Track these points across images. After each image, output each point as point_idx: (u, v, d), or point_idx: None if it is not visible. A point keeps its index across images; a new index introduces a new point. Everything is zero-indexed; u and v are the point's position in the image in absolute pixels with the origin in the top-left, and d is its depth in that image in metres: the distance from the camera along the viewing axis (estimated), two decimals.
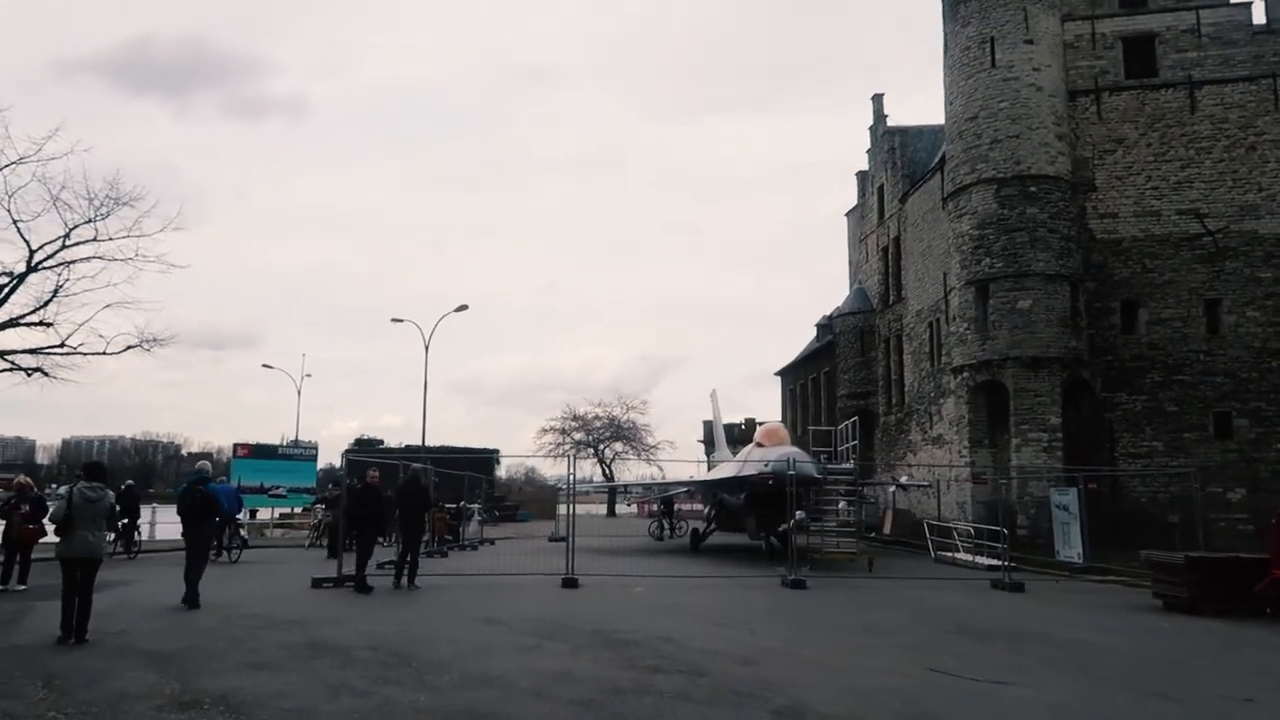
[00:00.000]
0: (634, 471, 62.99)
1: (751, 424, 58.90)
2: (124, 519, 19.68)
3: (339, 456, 47.54)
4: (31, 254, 23.62)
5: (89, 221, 23.69)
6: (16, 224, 23.09)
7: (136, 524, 20.97)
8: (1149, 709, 7.67)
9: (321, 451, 46.98)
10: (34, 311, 23.81)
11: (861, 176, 43.81)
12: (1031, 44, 27.30)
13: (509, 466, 76.32)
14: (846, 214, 46.70)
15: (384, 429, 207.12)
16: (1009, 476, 25.43)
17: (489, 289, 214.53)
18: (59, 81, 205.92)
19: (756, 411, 74.33)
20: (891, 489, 32.80)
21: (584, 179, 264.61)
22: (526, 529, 39.62)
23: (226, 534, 19.45)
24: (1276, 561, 13.17)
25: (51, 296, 23.74)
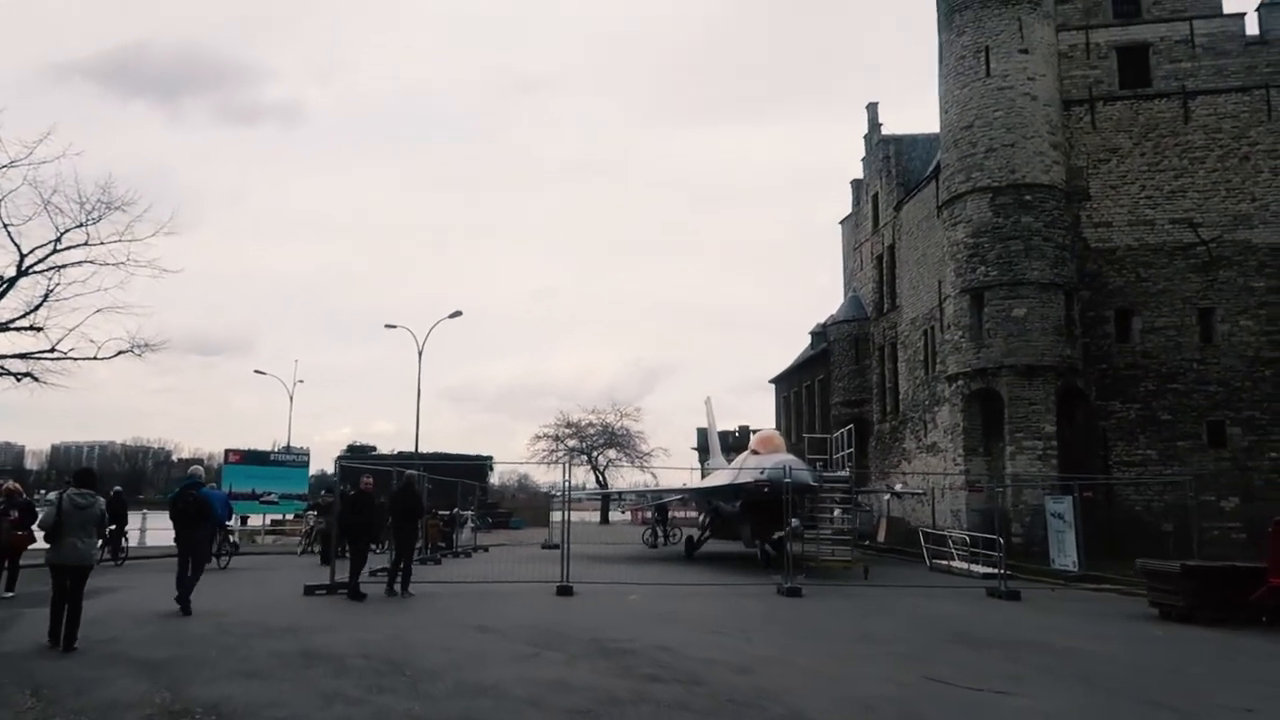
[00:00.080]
0: (627, 479, 63.04)
1: (746, 431, 58.89)
2: (112, 525, 19.52)
3: (331, 463, 47.34)
4: (22, 258, 23.50)
5: (80, 225, 23.59)
6: (7, 228, 23.00)
7: (124, 530, 20.82)
8: (1148, 719, 7.63)
9: (313, 458, 46.94)
10: (24, 316, 23.68)
11: (856, 184, 43.90)
12: (1026, 53, 27.40)
13: (502, 473, 76.40)
14: (841, 222, 46.77)
15: (376, 435, 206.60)
16: (1004, 485, 25.42)
17: (483, 294, 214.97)
18: (52, 85, 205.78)
19: (750, 419, 74.43)
20: (886, 497, 32.78)
21: (580, 185, 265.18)
22: (520, 536, 39.52)
23: (217, 540, 19.31)
24: (1273, 570, 13.16)
25: (42, 301, 23.62)
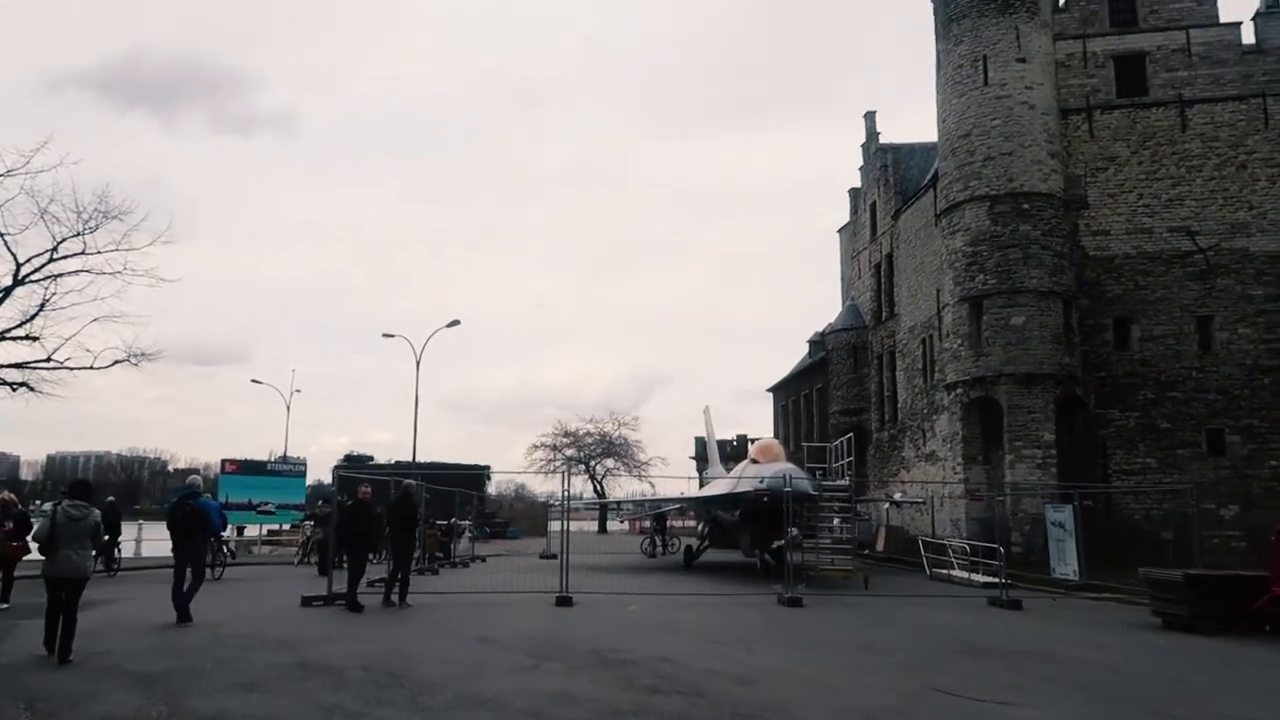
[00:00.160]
0: (625, 488, 62.79)
1: (744, 440, 58.90)
2: (105, 536, 19.42)
3: (328, 473, 47.27)
4: (18, 267, 23.46)
5: (77, 235, 23.55)
6: (3, 237, 22.97)
7: (117, 541, 20.72)
8: None
9: (310, 468, 46.76)
10: (20, 326, 23.61)
11: (854, 193, 43.98)
12: (1024, 63, 27.47)
13: (498, 483, 76.06)
14: (839, 230, 46.84)
15: (373, 445, 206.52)
16: (1004, 493, 25.36)
17: (481, 304, 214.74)
18: (48, 95, 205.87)
19: (748, 428, 74.30)
20: (885, 506, 32.71)
21: (577, 194, 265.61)
22: (517, 546, 39.37)
23: (211, 551, 19.16)
24: (1276, 579, 13.11)
25: (38, 310, 23.56)
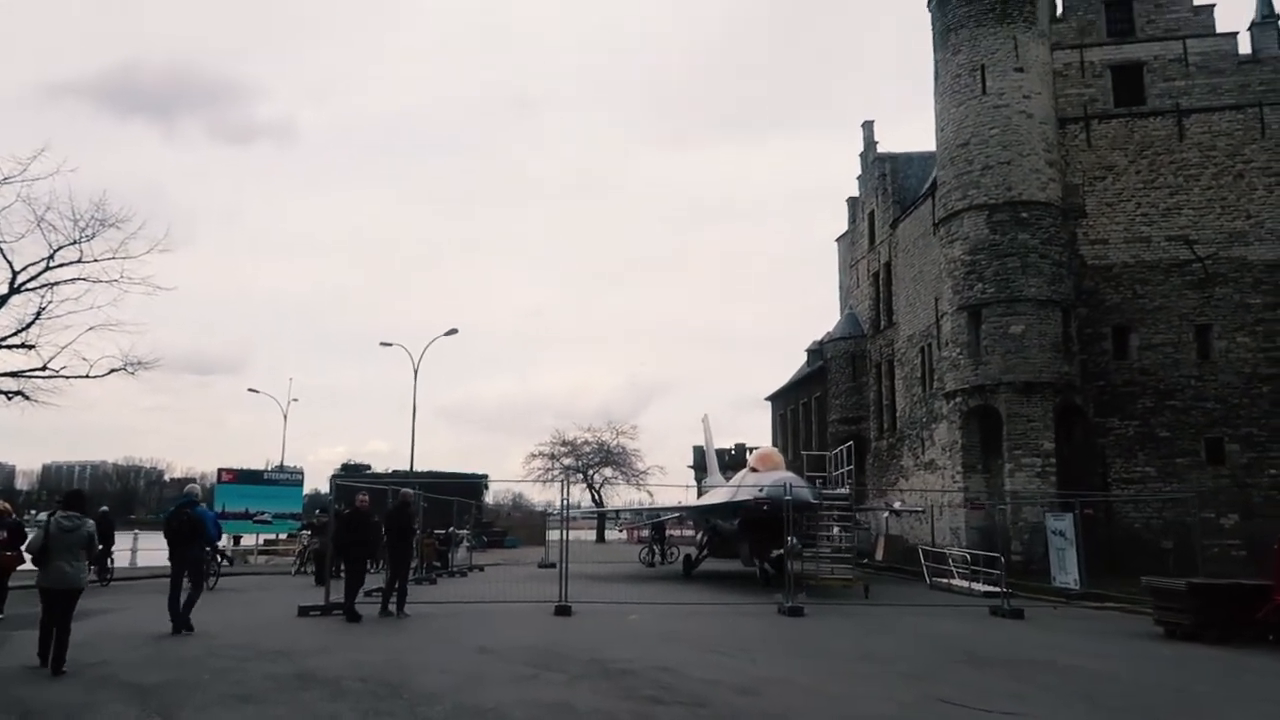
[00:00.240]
0: (623, 497, 62.58)
1: (742, 449, 58.68)
2: (99, 546, 19.29)
3: (325, 482, 47.06)
4: (14, 275, 23.38)
5: (74, 243, 23.48)
6: None
7: (110, 551, 20.57)
8: None
9: (307, 477, 46.53)
10: (15, 334, 23.50)
11: (852, 202, 44.01)
12: (1021, 72, 27.53)
13: (496, 492, 75.85)
14: (837, 239, 46.87)
15: (371, 454, 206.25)
16: (1004, 502, 25.28)
17: (479, 312, 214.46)
18: (46, 104, 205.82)
19: (747, 437, 74.33)
20: (885, 515, 32.59)
21: (575, 202, 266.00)
22: (515, 555, 39.19)
23: (205, 560, 19.03)
24: (1279, 588, 13.04)
25: (34, 319, 23.47)
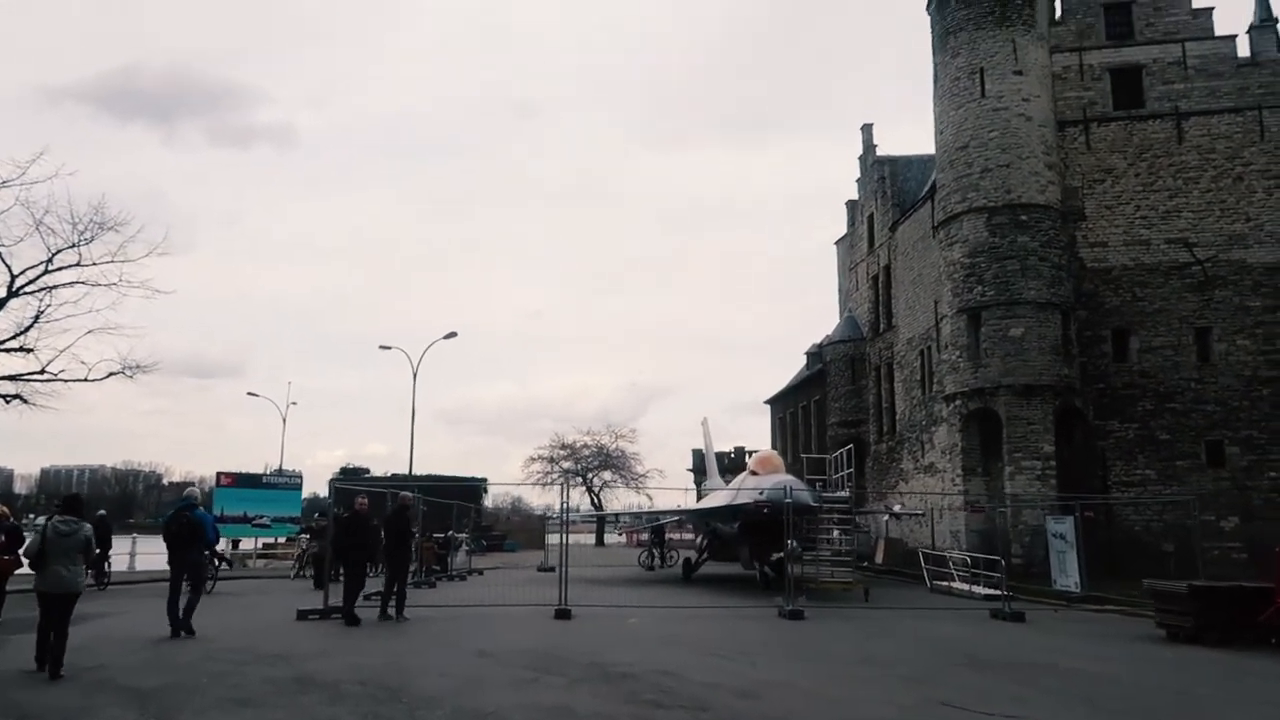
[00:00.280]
0: (622, 500, 62.55)
1: (741, 452, 58.66)
2: (96, 550, 19.24)
3: (324, 486, 46.98)
4: (13, 278, 23.35)
5: (72, 246, 23.47)
6: None
7: (107, 555, 20.54)
8: None
9: (306, 481, 46.37)
10: (14, 337, 23.49)
11: (851, 205, 44.04)
12: (1020, 75, 27.54)
13: (495, 496, 75.70)
14: (836, 242, 46.90)
15: (369, 458, 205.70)
16: (1005, 505, 25.24)
17: (479, 316, 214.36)
18: (46, 108, 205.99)
19: (746, 440, 74.32)
20: (885, 518, 32.55)
21: (575, 206, 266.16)
22: (514, 559, 39.13)
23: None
24: None
25: (33, 322, 23.47)
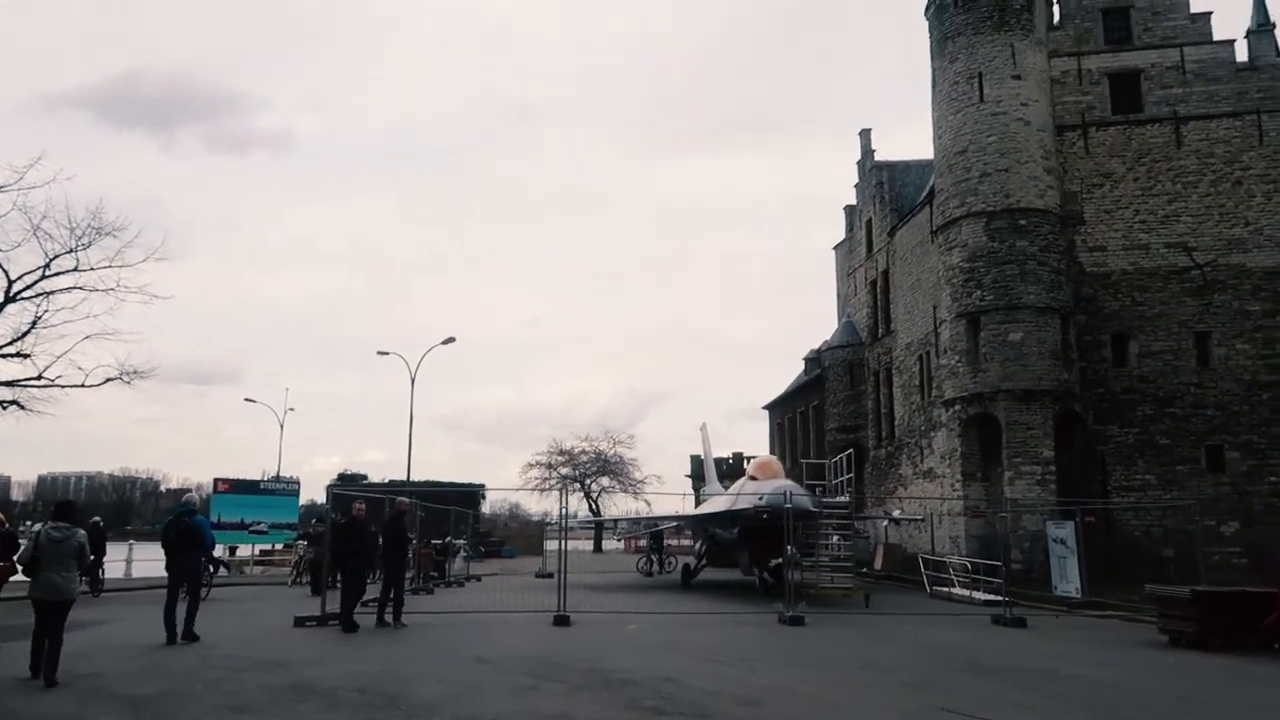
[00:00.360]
0: (620, 506, 62.43)
1: (740, 458, 58.65)
2: (91, 557, 19.14)
3: (322, 492, 46.87)
4: (10, 284, 23.32)
5: (70, 251, 23.47)
6: None
7: (101, 562, 20.48)
8: None
9: (304, 487, 46.20)
10: (11, 343, 23.47)
11: (849, 210, 44.04)
12: (1019, 79, 27.55)
13: (493, 502, 75.45)
14: (834, 248, 46.89)
15: (367, 464, 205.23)
16: (1005, 510, 25.17)
17: (477, 321, 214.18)
18: (45, 115, 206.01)
19: (744, 446, 74.13)
20: (884, 523, 32.47)
21: (573, 211, 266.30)
22: (512, 565, 39.01)
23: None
24: None
25: (30, 328, 23.43)
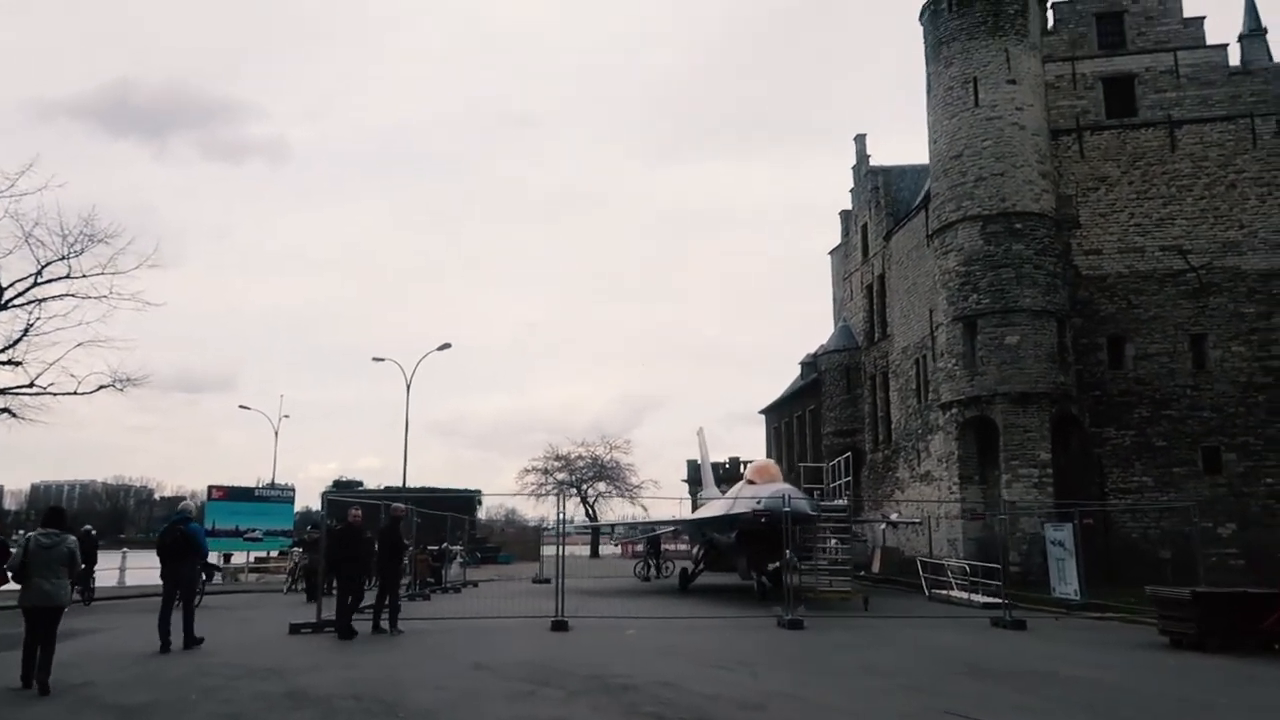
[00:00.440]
0: (617, 511, 62.34)
1: (736, 463, 58.57)
2: (81, 564, 19.01)
3: (317, 499, 46.60)
4: (2, 291, 23.16)
5: (62, 258, 23.37)
6: None
7: (92, 570, 20.35)
8: None
9: (299, 494, 46.14)
10: (3, 350, 23.33)
11: (845, 215, 44.07)
12: (1014, 84, 27.61)
13: (489, 508, 75.25)
14: (830, 252, 46.92)
15: (363, 471, 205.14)
16: (1003, 513, 25.13)
17: (472, 328, 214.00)
18: (38, 121, 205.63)
19: (741, 450, 74.06)
20: (881, 527, 32.41)
21: (568, 218, 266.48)
22: (509, 571, 38.88)
23: None
24: None
25: (22, 335, 23.31)
